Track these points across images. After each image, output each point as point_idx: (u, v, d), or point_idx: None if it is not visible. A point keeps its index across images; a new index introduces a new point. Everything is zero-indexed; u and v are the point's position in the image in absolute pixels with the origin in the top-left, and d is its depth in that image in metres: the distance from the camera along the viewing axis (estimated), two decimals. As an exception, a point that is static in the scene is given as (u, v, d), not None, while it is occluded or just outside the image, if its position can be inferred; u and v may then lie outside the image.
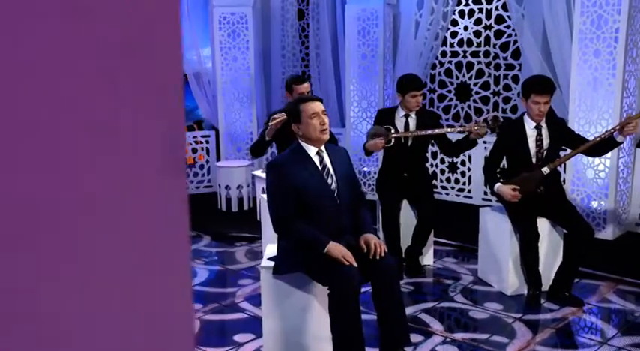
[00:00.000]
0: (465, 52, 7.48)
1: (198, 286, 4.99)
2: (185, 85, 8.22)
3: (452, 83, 7.65)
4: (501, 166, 4.74)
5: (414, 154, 5.09)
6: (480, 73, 7.38)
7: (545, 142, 4.50)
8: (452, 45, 7.56)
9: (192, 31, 7.74)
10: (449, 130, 4.98)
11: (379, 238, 3.63)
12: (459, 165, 7.12)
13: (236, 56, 7.39)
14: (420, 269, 5.12)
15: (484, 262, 4.94)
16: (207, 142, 8.00)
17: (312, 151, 3.62)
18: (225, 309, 4.53)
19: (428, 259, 5.30)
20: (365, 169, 7.47)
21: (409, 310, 4.40)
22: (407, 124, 5.08)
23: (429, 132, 4.91)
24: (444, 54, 7.65)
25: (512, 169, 4.64)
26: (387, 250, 3.54)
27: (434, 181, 7.28)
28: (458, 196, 7.17)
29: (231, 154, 7.58)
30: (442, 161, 7.26)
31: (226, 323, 4.32)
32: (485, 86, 7.33)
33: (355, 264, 3.41)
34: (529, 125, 4.52)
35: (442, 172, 7.30)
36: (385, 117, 5.12)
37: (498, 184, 4.52)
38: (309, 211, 3.55)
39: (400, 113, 5.09)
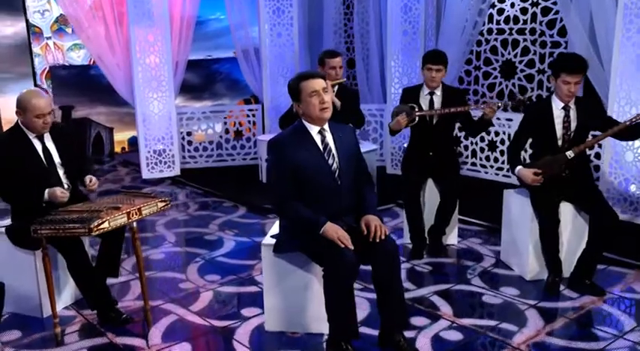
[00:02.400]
0: (510, 29, 6.94)
1: (221, 257, 4.83)
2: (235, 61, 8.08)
3: (497, 61, 7.13)
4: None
5: (440, 132, 4.72)
6: (525, 51, 6.83)
7: (573, 124, 4.05)
8: (498, 22, 7.02)
9: (241, 10, 7.53)
10: (465, 108, 4.57)
11: (382, 219, 3.32)
12: (498, 143, 6.64)
13: (281, 32, 7.13)
14: (442, 249, 4.78)
15: (506, 244, 4.55)
16: (254, 115, 7.82)
17: (313, 130, 3.34)
18: (241, 282, 4.36)
19: (452, 238, 4.95)
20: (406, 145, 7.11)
21: (422, 292, 4.12)
22: (431, 101, 4.70)
23: (452, 110, 4.53)
24: (489, 31, 7.13)
25: (537, 151, 4.21)
26: (387, 233, 3.25)
27: (470, 159, 6.86)
28: (497, 175, 6.71)
29: (275, 128, 7.35)
30: (482, 139, 6.80)
31: (238, 296, 4.14)
32: (531, 64, 6.79)
33: (351, 246, 3.14)
34: (557, 105, 4.07)
35: (482, 150, 6.84)
36: (410, 95, 4.76)
37: (519, 167, 4.11)
38: (309, 190, 3.29)
39: (424, 91, 4.72)
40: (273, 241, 3.50)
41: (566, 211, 4.13)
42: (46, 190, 3.65)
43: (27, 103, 3.64)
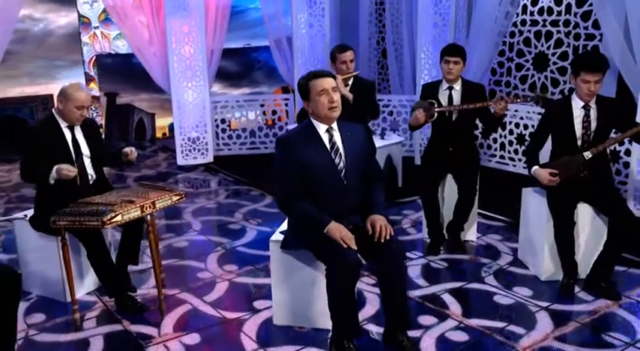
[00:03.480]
0: (544, 20, 6.66)
1: (242, 247, 4.82)
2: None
3: (529, 53, 6.86)
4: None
5: (459, 128, 4.56)
6: (558, 43, 6.56)
7: (593, 124, 3.85)
8: (532, 13, 6.75)
9: (275, 0, 7.46)
10: (483, 104, 4.39)
11: (389, 219, 3.22)
12: (527, 137, 6.41)
13: (312, 23, 7.03)
14: (460, 245, 4.64)
15: (524, 243, 4.39)
16: (286, 104, 7.77)
17: (322, 128, 3.25)
18: (257, 273, 4.33)
19: (471, 234, 4.80)
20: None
21: (434, 289, 4.01)
22: (450, 97, 4.55)
23: (470, 106, 4.37)
24: (523, 22, 6.86)
25: (555, 150, 4.02)
26: (392, 234, 3.15)
27: (498, 152, 6.66)
28: (525, 167, 6.47)
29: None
30: (510, 132, 6.57)
31: (252, 287, 4.12)
32: (564, 57, 6.51)
33: (354, 247, 3.06)
34: (577, 105, 3.87)
35: (510, 143, 6.62)
36: (429, 91, 4.61)
37: (536, 167, 3.94)
38: (315, 189, 3.21)
39: (444, 86, 4.57)
40: (281, 237, 3.45)
41: (585, 212, 3.94)
42: (55, 167, 3.64)
43: (70, 94, 3.70)
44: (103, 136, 9.35)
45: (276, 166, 3.29)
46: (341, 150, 3.25)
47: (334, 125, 3.28)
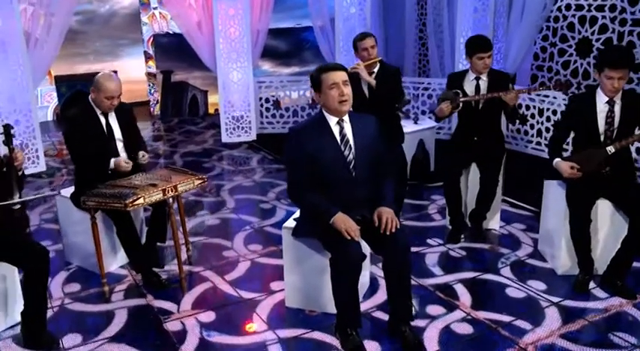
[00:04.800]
0: (589, 5, 6.30)
1: (269, 227, 4.85)
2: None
3: (573, 38, 6.53)
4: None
5: (486, 117, 4.41)
6: (603, 29, 6.20)
7: (617, 119, 3.63)
8: (577, -3, 6.40)
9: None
10: (505, 93, 4.21)
11: (397, 212, 3.16)
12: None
13: (354, 7, 6.87)
14: (482, 234, 4.52)
15: (544, 235, 4.24)
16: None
17: (332, 120, 3.20)
18: (279, 254, 4.33)
19: (494, 223, 4.67)
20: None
21: (447, 278, 3.94)
22: (477, 87, 4.38)
23: (494, 95, 4.21)
24: (568, 7, 6.52)
25: (578, 144, 3.83)
26: (398, 227, 3.09)
27: (535, 138, 6.40)
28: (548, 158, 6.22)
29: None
30: (548, 119, 6.30)
31: (272, 268, 4.14)
32: (608, 43, 6.15)
33: (357, 239, 3.03)
34: (601, 99, 3.66)
35: (547, 129, 6.35)
36: (455, 81, 4.46)
37: (557, 159, 3.76)
38: (323, 180, 3.18)
39: (470, 76, 4.40)
40: (293, 224, 3.45)
41: (605, 208, 3.76)
42: (112, 159, 3.82)
43: (101, 84, 3.79)
44: (159, 112, 9.59)
45: (286, 156, 3.27)
46: (351, 142, 3.20)
47: (345, 117, 3.22)
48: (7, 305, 3.48)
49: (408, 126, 5.92)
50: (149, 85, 9.79)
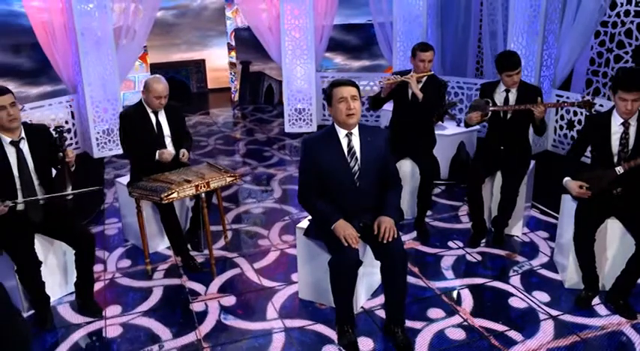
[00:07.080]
0: (649, 12, 5.86)
1: (305, 220, 4.96)
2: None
3: (630, 45, 6.10)
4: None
5: (513, 128, 4.29)
6: (661, 36, 5.76)
7: (632, 141, 3.43)
8: (637, 3, 5.96)
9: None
10: (533, 106, 4.06)
11: (397, 222, 3.19)
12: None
13: (411, 9, 6.77)
14: (502, 240, 4.42)
15: (558, 247, 4.09)
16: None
17: (341, 133, 3.27)
18: (306, 245, 4.48)
19: (517, 230, 4.55)
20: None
21: (455, 283, 3.92)
22: (506, 98, 4.27)
23: (522, 107, 4.10)
24: (627, 13, 6.09)
25: (593, 162, 3.66)
26: (396, 236, 3.13)
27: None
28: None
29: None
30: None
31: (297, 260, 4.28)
32: (666, 51, 5.72)
33: (355, 246, 3.10)
34: (616, 121, 3.47)
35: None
36: (487, 90, 4.35)
37: (567, 178, 3.62)
38: (329, 189, 3.27)
39: (501, 88, 4.29)
40: (306, 224, 3.56)
41: (615, 227, 3.59)
42: (158, 151, 4.09)
43: (149, 86, 4.06)
44: (237, 99, 9.93)
45: (300, 164, 3.37)
46: (357, 154, 3.25)
47: (354, 130, 3.28)
48: (67, 275, 3.86)
49: (450, 128, 5.83)
50: (230, 74, 10.14)
